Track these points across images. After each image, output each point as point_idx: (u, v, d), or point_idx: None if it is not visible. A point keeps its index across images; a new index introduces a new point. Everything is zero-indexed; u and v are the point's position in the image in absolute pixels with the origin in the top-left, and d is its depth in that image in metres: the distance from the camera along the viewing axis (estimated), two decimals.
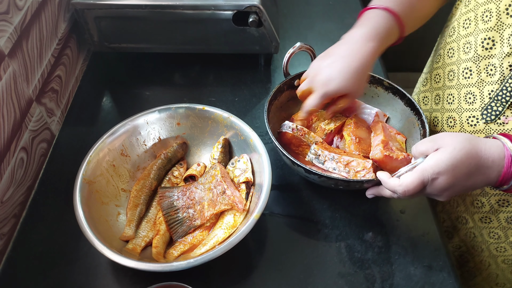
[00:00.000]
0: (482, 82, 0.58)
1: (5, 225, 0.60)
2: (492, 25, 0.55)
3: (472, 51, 0.59)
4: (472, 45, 0.59)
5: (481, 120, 0.60)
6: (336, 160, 0.62)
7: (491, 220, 0.67)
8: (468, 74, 0.61)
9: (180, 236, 0.59)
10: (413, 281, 0.58)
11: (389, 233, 0.63)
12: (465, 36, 0.61)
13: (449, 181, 0.48)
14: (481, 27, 0.57)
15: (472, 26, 0.59)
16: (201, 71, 0.91)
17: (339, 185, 0.60)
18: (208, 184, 0.61)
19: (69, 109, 0.83)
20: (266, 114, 0.66)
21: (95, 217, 0.56)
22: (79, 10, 0.79)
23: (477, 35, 0.58)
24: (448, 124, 0.66)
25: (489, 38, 0.56)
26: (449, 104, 0.66)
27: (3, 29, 0.60)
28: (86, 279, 0.58)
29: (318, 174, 0.59)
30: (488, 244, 0.70)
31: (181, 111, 0.68)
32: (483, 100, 0.59)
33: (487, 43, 0.56)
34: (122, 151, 0.65)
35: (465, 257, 0.77)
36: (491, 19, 0.55)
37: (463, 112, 0.62)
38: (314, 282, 0.58)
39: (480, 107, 0.59)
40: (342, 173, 0.62)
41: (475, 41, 0.58)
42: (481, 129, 0.60)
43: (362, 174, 0.60)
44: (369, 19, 0.61)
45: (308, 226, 0.64)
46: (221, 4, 0.78)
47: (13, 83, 0.62)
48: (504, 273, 0.72)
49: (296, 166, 0.60)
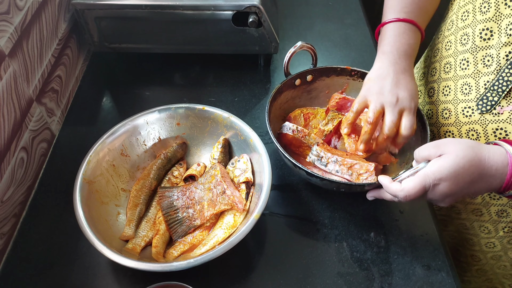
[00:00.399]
0: (479, 73, 0.59)
1: (5, 224, 0.60)
2: (491, 15, 0.55)
3: (470, 42, 0.59)
4: (469, 36, 0.59)
5: (476, 111, 0.60)
6: (340, 163, 0.62)
7: (482, 213, 0.67)
8: (465, 66, 0.61)
9: (179, 236, 0.60)
10: (412, 281, 0.58)
11: (388, 233, 0.63)
12: (463, 28, 0.61)
13: (451, 188, 0.48)
14: (479, 18, 0.57)
15: (470, 18, 0.59)
16: (201, 71, 0.92)
17: (341, 188, 0.60)
18: (208, 184, 0.61)
19: (69, 109, 0.83)
20: (267, 116, 0.65)
21: (95, 217, 0.56)
22: (80, 11, 0.79)
23: (474, 26, 0.58)
24: (443, 115, 0.67)
25: (487, 28, 0.56)
26: (445, 96, 0.66)
27: (4, 29, 0.60)
28: (86, 279, 0.58)
29: (320, 177, 0.59)
30: (479, 238, 0.70)
31: (181, 111, 0.68)
32: (479, 91, 0.59)
33: (485, 33, 0.57)
34: (122, 151, 0.65)
35: (457, 250, 0.77)
36: (489, 10, 0.55)
37: (459, 103, 0.63)
38: (314, 282, 0.58)
39: (476, 97, 0.59)
40: (345, 175, 0.62)
41: (473, 32, 0.58)
42: (476, 120, 0.60)
43: (364, 176, 0.61)
44: (401, 35, 0.63)
45: (307, 226, 0.64)
46: (221, 5, 0.78)
47: (13, 83, 0.62)
48: (493, 270, 0.72)
49: (298, 168, 0.60)
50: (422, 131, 0.65)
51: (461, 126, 0.63)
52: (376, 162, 0.63)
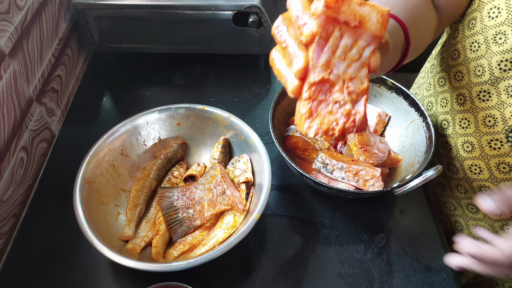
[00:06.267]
0: (503, 104, 0.56)
1: (5, 224, 0.60)
2: (508, 47, 0.53)
3: (487, 73, 0.56)
4: (485, 67, 0.56)
5: (506, 143, 0.57)
6: (345, 170, 0.61)
7: (467, 190, 0.66)
8: (486, 97, 0.58)
9: (179, 236, 0.60)
10: (412, 281, 0.58)
11: (388, 234, 0.63)
12: (475, 59, 0.58)
13: None
14: (494, 49, 0.55)
15: (482, 49, 0.56)
16: (201, 71, 0.92)
17: (349, 195, 0.60)
18: (208, 184, 0.61)
19: (69, 109, 0.83)
20: (271, 122, 0.64)
21: (95, 217, 0.56)
22: (80, 10, 0.79)
23: (490, 58, 0.55)
24: (464, 149, 0.64)
25: (506, 60, 0.54)
26: (464, 129, 0.63)
27: (4, 29, 0.60)
28: (86, 279, 0.58)
29: (328, 187, 0.58)
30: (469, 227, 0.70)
31: (181, 111, 0.68)
32: (506, 122, 0.56)
33: (504, 65, 0.54)
34: (122, 151, 0.65)
35: None
36: (506, 41, 0.53)
37: (483, 136, 0.60)
38: (314, 283, 0.58)
39: (504, 129, 0.57)
40: (351, 182, 0.62)
41: (489, 63, 0.56)
42: (507, 152, 0.58)
43: (371, 182, 0.60)
44: None
45: (307, 226, 0.64)
46: (221, 5, 0.78)
47: (13, 83, 0.62)
48: None
49: (305, 178, 0.59)
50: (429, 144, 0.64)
51: (489, 159, 0.61)
52: (382, 166, 0.63)
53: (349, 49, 0.33)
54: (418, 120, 0.67)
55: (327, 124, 0.34)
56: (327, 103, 0.34)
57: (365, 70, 0.34)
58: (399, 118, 0.72)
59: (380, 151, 0.66)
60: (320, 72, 0.33)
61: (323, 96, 0.34)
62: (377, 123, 0.73)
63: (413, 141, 0.68)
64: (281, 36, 0.35)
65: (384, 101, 0.74)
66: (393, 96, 0.72)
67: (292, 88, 0.34)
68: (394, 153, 0.69)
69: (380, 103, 0.75)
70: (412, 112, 0.69)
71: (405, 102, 0.70)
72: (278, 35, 0.35)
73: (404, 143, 0.70)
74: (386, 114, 0.74)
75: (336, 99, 0.34)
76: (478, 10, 0.56)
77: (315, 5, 0.31)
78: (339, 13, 0.32)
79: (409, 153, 0.68)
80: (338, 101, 0.34)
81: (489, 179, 0.62)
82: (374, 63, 0.34)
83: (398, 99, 0.71)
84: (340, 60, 0.33)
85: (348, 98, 0.34)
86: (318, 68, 0.33)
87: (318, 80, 0.33)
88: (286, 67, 0.34)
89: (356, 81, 0.34)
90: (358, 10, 0.32)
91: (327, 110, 0.34)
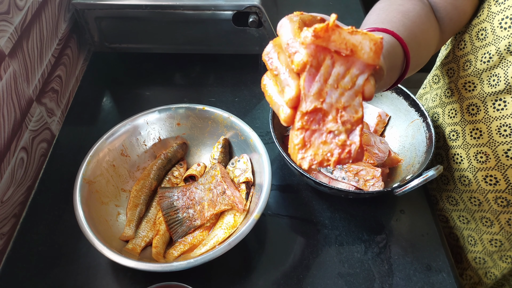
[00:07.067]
0: None
1: (5, 225, 0.60)
2: None
3: (502, 83, 0.56)
4: (501, 77, 0.56)
5: None
6: (345, 170, 0.61)
7: (481, 202, 0.66)
8: (501, 106, 0.57)
9: (180, 236, 0.60)
10: (412, 281, 0.58)
11: (388, 233, 0.63)
12: (487, 70, 0.57)
13: None
14: (510, 59, 0.54)
15: (495, 59, 0.55)
16: (201, 71, 0.92)
17: (349, 195, 0.60)
18: (208, 184, 0.61)
19: (69, 109, 0.83)
20: (271, 122, 0.64)
21: (95, 217, 0.56)
22: (80, 10, 0.79)
23: (506, 68, 0.54)
24: (478, 159, 0.63)
25: None
26: (476, 139, 0.62)
27: (4, 29, 0.60)
28: (86, 279, 0.58)
29: (328, 187, 0.59)
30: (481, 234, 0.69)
31: (181, 111, 0.68)
32: None
33: None
34: (122, 151, 0.65)
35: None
36: None
37: (498, 146, 0.59)
38: (314, 283, 0.58)
39: None
40: (351, 182, 0.62)
41: (505, 73, 0.55)
42: None
43: (371, 182, 0.60)
44: None
45: (307, 226, 0.64)
46: (221, 5, 0.78)
47: (13, 83, 0.62)
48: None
49: (306, 178, 0.60)
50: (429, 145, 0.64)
51: (505, 169, 0.60)
52: (382, 166, 0.63)
53: (342, 78, 0.32)
54: (418, 120, 0.67)
55: (321, 155, 0.32)
56: (320, 132, 0.33)
57: (359, 98, 0.33)
58: (399, 118, 0.72)
59: (381, 151, 0.66)
60: (312, 101, 0.32)
61: (316, 125, 0.32)
62: (377, 123, 0.73)
63: (413, 141, 0.68)
64: (272, 63, 0.33)
65: (384, 101, 0.74)
66: (394, 96, 0.72)
67: (285, 117, 0.33)
68: (394, 153, 0.69)
69: (381, 103, 0.75)
70: (412, 112, 0.69)
71: (405, 102, 0.70)
72: (269, 62, 0.34)
73: (404, 143, 0.70)
74: (386, 114, 0.74)
75: (330, 129, 0.32)
76: (488, 21, 0.55)
77: (304, 34, 0.30)
78: (329, 42, 0.31)
79: (410, 153, 0.68)
80: (332, 130, 0.32)
81: (506, 190, 0.61)
82: (368, 90, 0.32)
83: (398, 99, 0.71)
84: (333, 88, 0.32)
85: (343, 128, 0.32)
86: (310, 97, 0.32)
87: (310, 110, 0.32)
88: (278, 94, 0.33)
89: (350, 110, 0.33)
90: (349, 39, 0.31)
91: (320, 140, 0.33)
